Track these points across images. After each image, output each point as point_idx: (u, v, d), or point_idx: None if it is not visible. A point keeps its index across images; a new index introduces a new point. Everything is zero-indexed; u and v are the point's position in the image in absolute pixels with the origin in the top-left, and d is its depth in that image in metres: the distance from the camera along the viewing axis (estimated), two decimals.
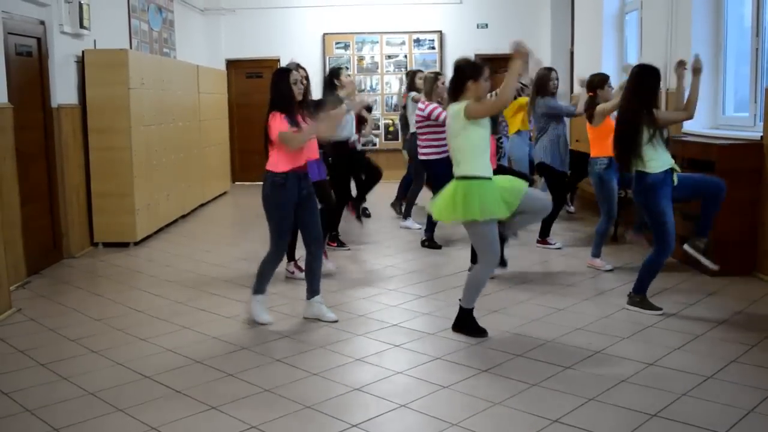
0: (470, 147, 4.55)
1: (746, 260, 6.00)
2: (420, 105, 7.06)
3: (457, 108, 4.56)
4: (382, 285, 6.03)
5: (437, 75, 7.27)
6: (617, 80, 9.86)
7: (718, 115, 7.17)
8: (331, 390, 3.87)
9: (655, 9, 8.06)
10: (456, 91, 4.65)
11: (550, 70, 7.31)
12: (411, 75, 8.91)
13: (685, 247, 5.20)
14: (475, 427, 3.38)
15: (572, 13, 11.95)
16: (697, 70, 5.22)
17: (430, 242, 7.41)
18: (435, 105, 6.91)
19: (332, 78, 7.30)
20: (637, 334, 4.65)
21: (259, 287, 5.07)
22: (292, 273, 6.27)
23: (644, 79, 5.01)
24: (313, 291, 5.11)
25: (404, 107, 9.31)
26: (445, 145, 6.78)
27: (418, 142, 7.13)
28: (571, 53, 12.11)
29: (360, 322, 5.06)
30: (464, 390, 3.82)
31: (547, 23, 12.87)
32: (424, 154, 7.05)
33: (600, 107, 6.30)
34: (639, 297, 5.13)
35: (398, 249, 7.42)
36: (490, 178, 4.57)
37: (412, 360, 4.30)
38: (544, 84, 7.19)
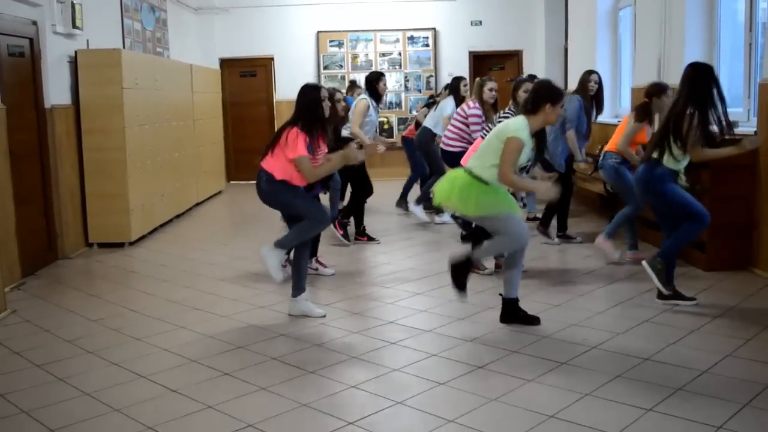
0: (495, 159, 4.55)
1: (741, 255, 6.02)
2: (473, 106, 7.43)
3: (512, 129, 4.55)
4: (378, 282, 6.04)
5: (483, 81, 7.58)
6: (610, 78, 9.91)
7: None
8: (327, 388, 3.87)
9: (648, 5, 8.08)
10: (533, 107, 4.63)
11: (590, 72, 7.27)
12: (455, 81, 8.81)
13: (643, 263, 5.24)
14: (472, 424, 3.38)
15: (566, 9, 11.96)
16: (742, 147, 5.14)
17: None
18: (479, 117, 7.33)
19: (373, 83, 7.73)
20: (633, 329, 4.66)
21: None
22: (316, 269, 6.31)
23: (697, 77, 4.98)
24: (299, 288, 5.11)
25: (426, 106, 9.81)
26: (470, 140, 6.97)
27: (447, 134, 7.64)
28: (565, 50, 12.13)
29: (356, 319, 5.06)
30: (461, 386, 3.83)
31: (541, 20, 12.89)
32: (449, 145, 7.54)
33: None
34: (670, 290, 5.14)
35: (394, 246, 7.42)
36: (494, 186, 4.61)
37: (409, 357, 4.30)
38: (583, 85, 7.18)
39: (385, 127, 13.10)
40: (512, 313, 4.82)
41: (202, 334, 4.81)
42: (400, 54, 13.22)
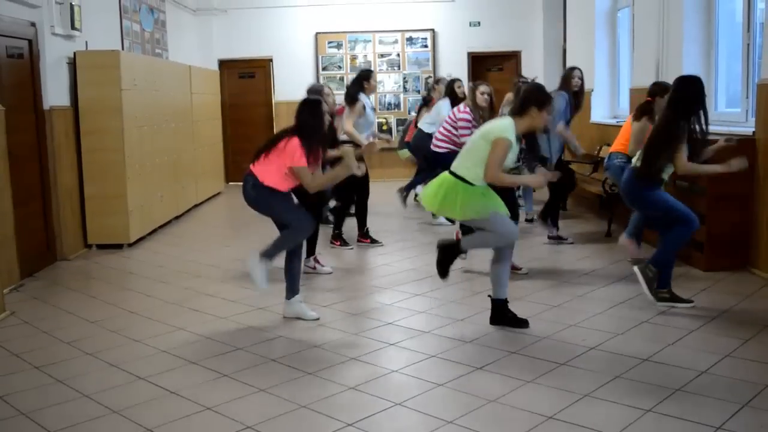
0: (480, 160, 4.57)
1: (740, 255, 6.02)
2: (463, 110, 7.51)
3: (498, 130, 4.58)
4: (376, 283, 6.03)
5: (476, 85, 7.62)
6: (608, 79, 9.92)
7: (711, 110, 7.18)
8: (326, 389, 3.87)
9: (646, 5, 8.08)
10: (520, 110, 4.67)
11: (573, 69, 7.33)
12: (450, 84, 8.75)
13: (635, 268, 5.23)
14: (471, 425, 3.38)
15: (564, 10, 11.97)
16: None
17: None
18: (468, 121, 7.39)
19: (362, 81, 7.60)
20: (632, 330, 4.66)
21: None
22: (314, 268, 6.34)
23: (684, 89, 5.03)
24: (293, 291, 5.11)
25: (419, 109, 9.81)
26: (459, 143, 7.00)
27: (437, 135, 7.75)
28: (564, 50, 12.13)
29: (355, 320, 5.06)
30: (459, 387, 3.83)
31: (540, 21, 12.89)
32: (437, 146, 7.68)
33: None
34: (667, 292, 5.15)
35: (393, 247, 7.42)
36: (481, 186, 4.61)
37: (408, 358, 4.30)
38: (567, 81, 7.24)
39: (384, 128, 13.09)
40: (501, 314, 4.82)
41: (201, 336, 4.81)
42: (398, 55, 13.21)
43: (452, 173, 4.65)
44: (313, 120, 4.93)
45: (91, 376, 4.14)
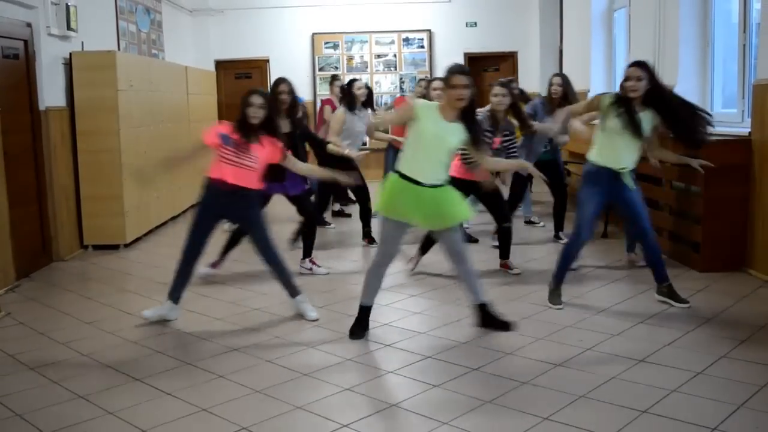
0: (407, 143, 4.56)
1: (736, 256, 6.03)
2: None
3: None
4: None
5: (429, 81, 7.56)
6: (605, 80, 9.92)
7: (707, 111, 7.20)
8: (321, 390, 3.86)
9: (643, 6, 8.09)
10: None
11: (553, 75, 7.34)
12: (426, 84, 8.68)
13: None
14: (466, 426, 3.38)
15: (561, 11, 11.98)
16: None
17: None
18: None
19: (345, 91, 7.60)
20: (627, 331, 4.66)
21: (173, 291, 5.15)
22: (310, 269, 6.37)
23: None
24: (291, 293, 5.18)
25: None
26: None
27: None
28: (560, 51, 12.14)
29: (350, 321, 5.04)
30: (455, 389, 3.83)
31: (536, 21, 12.91)
32: None
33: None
34: (666, 287, 5.20)
35: None
36: (415, 181, 4.46)
37: (403, 359, 4.29)
38: (548, 89, 7.26)
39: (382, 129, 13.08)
40: (486, 316, 4.78)
41: (197, 337, 4.80)
42: (395, 56, 13.22)
43: (397, 172, 4.58)
44: (240, 106, 5.15)
45: (87, 378, 4.13)
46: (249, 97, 5.08)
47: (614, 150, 5.00)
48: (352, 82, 7.58)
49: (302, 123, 6.54)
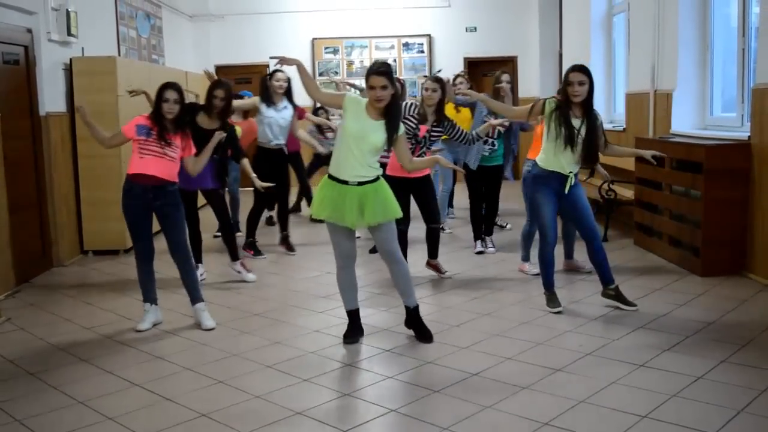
0: (336, 142, 4.56)
1: (736, 260, 6.02)
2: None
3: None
4: (370, 289, 6.02)
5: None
6: (604, 84, 9.93)
7: (706, 115, 7.21)
8: (321, 396, 3.86)
9: (642, 10, 8.10)
10: None
11: (502, 72, 7.17)
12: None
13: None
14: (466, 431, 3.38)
15: (560, 15, 11.99)
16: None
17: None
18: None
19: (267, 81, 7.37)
20: (627, 335, 4.66)
21: (146, 295, 5.22)
22: (239, 272, 6.42)
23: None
24: (192, 299, 5.21)
25: None
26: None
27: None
28: (560, 55, 12.15)
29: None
30: (454, 394, 3.82)
31: (536, 26, 12.92)
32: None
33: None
34: (613, 289, 5.24)
35: None
36: (342, 181, 4.43)
37: (403, 364, 4.29)
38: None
39: None
40: (412, 321, 4.75)
41: (196, 342, 4.80)
42: (395, 60, 13.23)
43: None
44: (156, 100, 5.13)
45: (86, 383, 4.12)
46: (164, 92, 5.06)
47: (558, 156, 5.02)
48: (273, 73, 7.27)
49: (233, 131, 6.49)
